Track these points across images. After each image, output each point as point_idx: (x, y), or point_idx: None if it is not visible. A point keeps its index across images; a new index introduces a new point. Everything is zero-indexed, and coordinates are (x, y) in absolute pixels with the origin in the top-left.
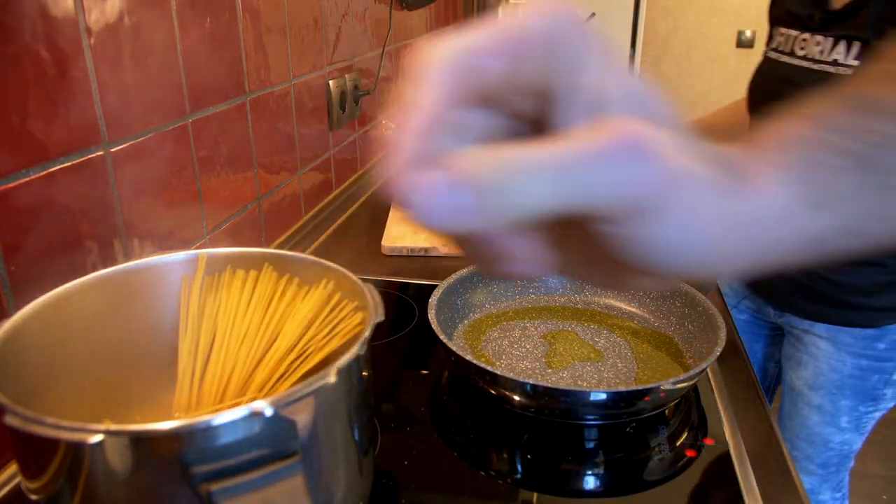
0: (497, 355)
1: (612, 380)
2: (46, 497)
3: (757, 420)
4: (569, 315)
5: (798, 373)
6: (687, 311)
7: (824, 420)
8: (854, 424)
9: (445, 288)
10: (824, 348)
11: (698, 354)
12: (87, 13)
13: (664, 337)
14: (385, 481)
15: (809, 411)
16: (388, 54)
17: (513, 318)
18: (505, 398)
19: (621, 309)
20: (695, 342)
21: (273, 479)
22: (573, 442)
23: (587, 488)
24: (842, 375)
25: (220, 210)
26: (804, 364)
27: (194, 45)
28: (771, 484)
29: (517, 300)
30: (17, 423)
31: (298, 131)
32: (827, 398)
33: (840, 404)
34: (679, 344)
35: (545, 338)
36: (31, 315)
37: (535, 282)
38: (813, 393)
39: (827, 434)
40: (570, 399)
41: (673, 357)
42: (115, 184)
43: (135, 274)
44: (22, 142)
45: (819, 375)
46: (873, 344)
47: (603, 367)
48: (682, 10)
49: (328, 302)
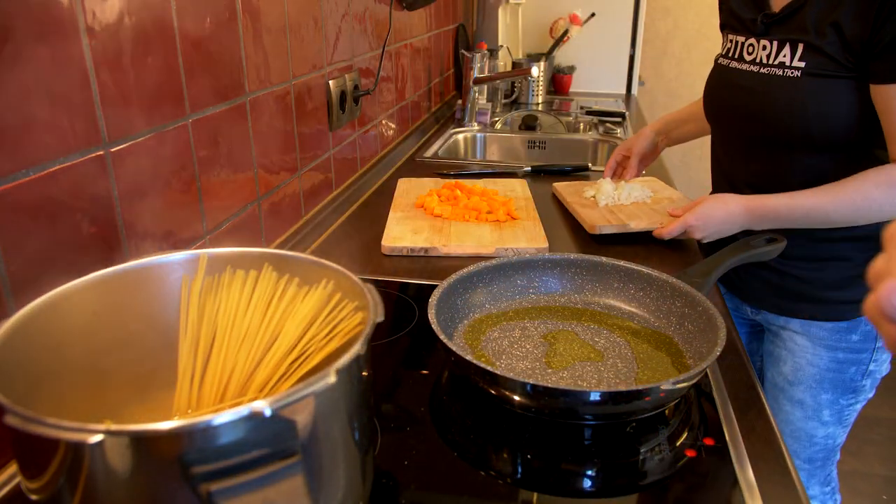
0: (497, 355)
1: (612, 380)
2: (46, 497)
3: (757, 420)
4: (569, 315)
5: (778, 368)
6: (687, 312)
7: (806, 415)
8: (836, 418)
9: (445, 288)
10: (801, 343)
11: (698, 354)
12: (87, 13)
13: (664, 337)
14: (385, 481)
15: (792, 407)
16: (388, 54)
17: (513, 318)
18: (505, 398)
19: (621, 309)
20: (695, 342)
21: (273, 479)
22: (573, 442)
23: (587, 488)
24: (820, 369)
25: (220, 210)
26: (783, 360)
27: (194, 45)
28: (771, 484)
29: (517, 300)
30: (17, 423)
31: (298, 131)
32: (807, 393)
33: (820, 398)
34: (679, 344)
35: (545, 338)
36: (31, 315)
37: (535, 282)
38: (793, 388)
39: (810, 429)
40: (570, 399)
41: (673, 357)
42: (115, 184)
43: (135, 274)
44: (22, 142)
45: (798, 370)
46: (847, 336)
47: (603, 367)
48: (682, 10)
49: (328, 302)
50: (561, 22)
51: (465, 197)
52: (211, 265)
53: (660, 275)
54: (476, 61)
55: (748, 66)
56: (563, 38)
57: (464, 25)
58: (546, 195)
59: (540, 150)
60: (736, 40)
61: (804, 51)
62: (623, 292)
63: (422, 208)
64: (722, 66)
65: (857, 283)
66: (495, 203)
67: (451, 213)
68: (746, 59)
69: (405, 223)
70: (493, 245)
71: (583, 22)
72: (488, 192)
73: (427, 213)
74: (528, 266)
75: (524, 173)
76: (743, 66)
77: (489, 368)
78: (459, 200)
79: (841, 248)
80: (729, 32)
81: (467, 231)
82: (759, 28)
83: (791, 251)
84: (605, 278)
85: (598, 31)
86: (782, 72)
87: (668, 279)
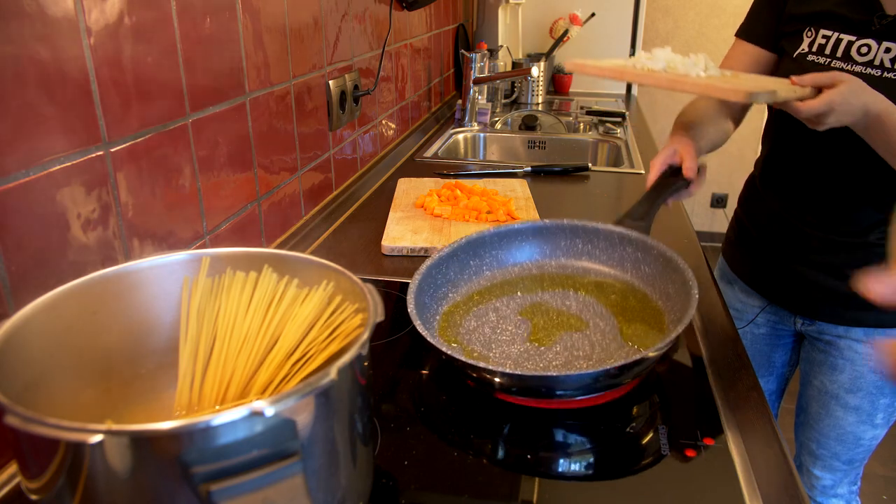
0: (486, 346)
1: (602, 342)
2: (46, 497)
3: (757, 420)
4: (531, 284)
5: (832, 377)
6: (640, 256)
7: (860, 419)
8: (887, 419)
9: (415, 291)
10: (863, 351)
11: (664, 295)
12: (87, 13)
13: (627, 285)
14: (385, 481)
15: (845, 413)
16: (388, 54)
17: (479, 301)
18: (492, 386)
19: (576, 266)
20: (657, 283)
21: (273, 479)
22: (573, 442)
23: (585, 488)
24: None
25: (220, 210)
26: (839, 368)
27: (194, 45)
28: (771, 484)
29: (476, 281)
30: (17, 423)
31: (298, 131)
32: (866, 399)
33: (878, 403)
34: (643, 288)
35: (522, 314)
36: (31, 315)
37: (486, 259)
38: (850, 395)
39: (860, 432)
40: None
41: (641, 302)
42: (114, 184)
43: (135, 274)
44: (22, 142)
45: (858, 378)
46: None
47: (589, 332)
48: (682, 10)
49: (328, 304)
50: (561, 22)
51: (465, 197)
52: (211, 265)
53: (605, 226)
54: (476, 61)
55: (864, 69)
56: (563, 38)
57: (464, 25)
58: (546, 195)
59: (540, 150)
60: (839, 38)
61: None
62: (572, 249)
63: (422, 208)
64: (819, 66)
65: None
66: (495, 203)
67: (451, 213)
68: (858, 60)
69: (405, 223)
70: None
71: (583, 22)
72: (488, 192)
73: (427, 213)
74: (476, 244)
75: (524, 173)
76: (855, 67)
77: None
78: (459, 200)
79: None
80: (822, 29)
81: (467, 231)
82: (879, 29)
83: (854, 258)
84: (552, 239)
85: (598, 31)
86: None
87: (615, 229)
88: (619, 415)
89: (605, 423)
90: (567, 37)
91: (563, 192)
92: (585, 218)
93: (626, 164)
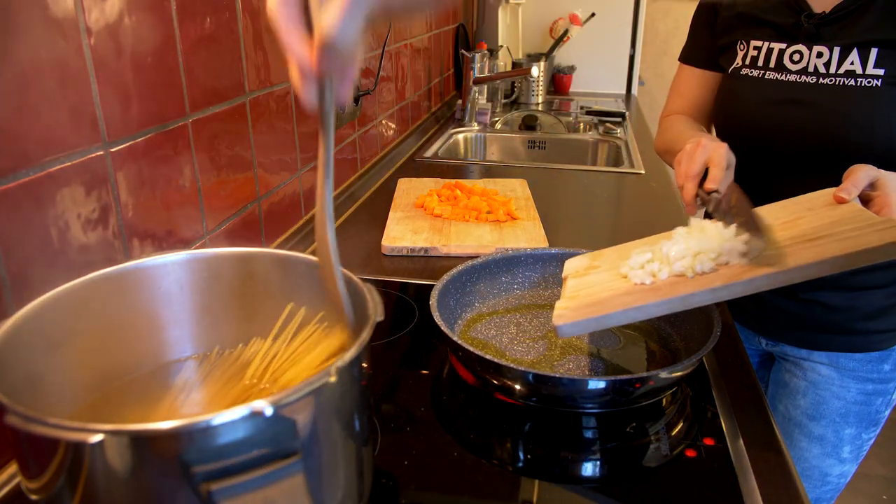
0: (499, 353)
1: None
2: (46, 497)
3: (757, 420)
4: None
5: (795, 401)
6: None
7: (825, 452)
8: (855, 454)
9: (441, 290)
10: (826, 374)
11: (686, 336)
12: (87, 13)
13: (650, 325)
14: (385, 481)
15: (808, 444)
16: (388, 54)
17: (503, 314)
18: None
19: None
20: (681, 324)
21: (273, 479)
22: (573, 442)
23: (586, 488)
24: (846, 402)
25: (220, 210)
26: (802, 392)
27: (194, 45)
28: (771, 484)
29: (504, 297)
30: (17, 423)
31: (298, 131)
32: (829, 428)
33: (843, 434)
34: (666, 328)
35: (544, 336)
36: (31, 315)
37: (518, 278)
38: (813, 423)
39: (826, 467)
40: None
41: (663, 342)
42: (114, 184)
43: (135, 274)
44: (22, 142)
45: (821, 404)
46: (879, 366)
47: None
48: (682, 10)
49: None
50: (561, 22)
51: (465, 197)
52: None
53: None
54: (476, 61)
55: (798, 77)
56: (563, 38)
57: (464, 25)
58: (546, 195)
59: (540, 150)
60: (769, 47)
61: (880, 55)
62: None
63: (422, 208)
64: (754, 79)
65: (892, 310)
66: (495, 203)
67: (451, 213)
68: (792, 68)
69: (405, 223)
70: (493, 245)
71: (583, 22)
72: (488, 192)
73: (427, 213)
74: (512, 262)
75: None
76: (789, 77)
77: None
78: (459, 200)
79: (878, 276)
80: (753, 40)
81: (467, 231)
82: (808, 32)
83: (820, 280)
84: None
85: (598, 31)
86: (855, 82)
87: None
88: (619, 415)
89: (604, 423)
90: (567, 37)
91: (564, 193)
92: (585, 218)
93: (626, 164)
